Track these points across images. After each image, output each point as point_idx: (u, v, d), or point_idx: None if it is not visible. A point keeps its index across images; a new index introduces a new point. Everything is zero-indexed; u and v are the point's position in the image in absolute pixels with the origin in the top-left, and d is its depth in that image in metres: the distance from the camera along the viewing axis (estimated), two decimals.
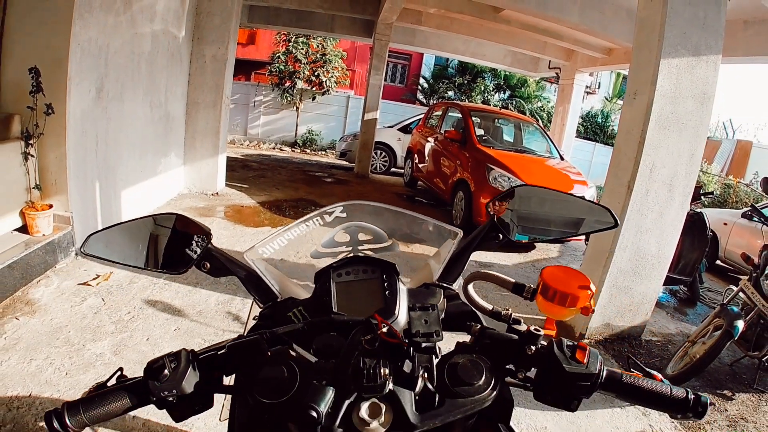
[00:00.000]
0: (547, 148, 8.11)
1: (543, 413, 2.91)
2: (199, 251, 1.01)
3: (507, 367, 0.80)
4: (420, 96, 19.52)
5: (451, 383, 0.74)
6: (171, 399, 0.72)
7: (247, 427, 0.82)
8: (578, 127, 18.48)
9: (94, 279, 3.70)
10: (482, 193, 6.09)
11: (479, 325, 0.83)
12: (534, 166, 6.76)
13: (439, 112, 9.24)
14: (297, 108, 16.07)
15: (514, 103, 18.06)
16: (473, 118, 7.88)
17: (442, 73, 19.51)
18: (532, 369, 0.79)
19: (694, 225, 5.38)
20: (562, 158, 7.88)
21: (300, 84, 15.51)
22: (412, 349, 0.71)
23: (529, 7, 6.99)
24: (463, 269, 1.07)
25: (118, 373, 0.79)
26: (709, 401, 0.76)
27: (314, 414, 0.63)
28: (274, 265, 1.08)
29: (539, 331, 0.78)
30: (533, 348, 0.77)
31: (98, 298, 3.46)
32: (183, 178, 6.47)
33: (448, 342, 0.78)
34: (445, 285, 1.01)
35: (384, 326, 0.70)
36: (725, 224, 7.41)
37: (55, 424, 0.70)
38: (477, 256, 5.67)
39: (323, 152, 15.64)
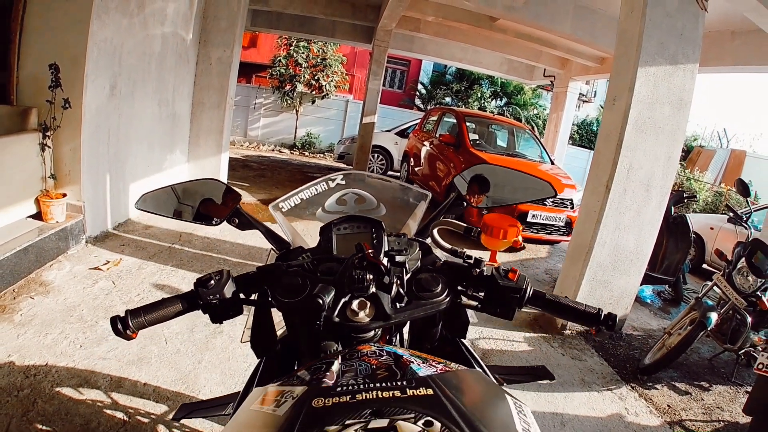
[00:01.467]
0: (539, 153, 8.36)
1: (523, 393, 3.14)
2: (228, 210, 1.24)
3: (460, 288, 1.05)
4: (418, 101, 19.84)
5: (416, 290, 1.00)
6: (214, 302, 0.97)
7: (263, 337, 1.08)
8: (573, 134, 18.79)
9: (104, 264, 3.92)
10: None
11: (443, 260, 1.09)
12: (524, 169, 6.97)
13: (435, 117, 9.49)
14: (296, 111, 16.31)
15: (511, 110, 18.34)
16: (467, 124, 8.13)
17: (440, 79, 19.84)
18: (481, 294, 1.05)
19: (678, 227, 5.63)
20: (552, 163, 8.16)
21: (300, 87, 15.76)
22: (389, 263, 0.97)
23: (523, 17, 7.26)
24: (433, 227, 1.35)
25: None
26: (618, 317, 1.00)
27: (320, 301, 0.87)
28: (290, 221, 1.35)
29: (482, 260, 1.03)
30: (477, 270, 1.03)
31: (109, 282, 3.68)
32: (186, 174, 6.68)
33: None
34: (419, 239, 1.26)
35: (370, 251, 0.95)
36: (712, 228, 7.68)
37: (119, 326, 0.93)
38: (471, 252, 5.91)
39: (322, 155, 15.87)
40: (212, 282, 0.98)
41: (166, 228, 5.05)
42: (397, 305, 0.98)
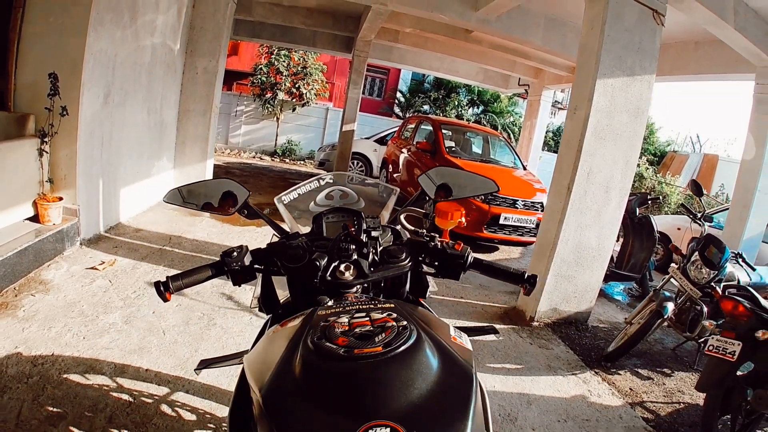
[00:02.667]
0: (512, 159, 8.75)
1: (493, 377, 3.44)
2: (240, 203, 1.52)
3: (420, 258, 1.39)
4: (397, 109, 20.19)
5: (387, 258, 1.34)
6: (236, 268, 1.27)
7: (269, 301, 1.40)
8: (549, 141, 19.29)
9: (100, 264, 4.13)
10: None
11: (407, 238, 1.41)
12: (498, 175, 7.33)
13: (413, 125, 9.84)
14: (277, 118, 16.53)
15: (487, 117, 18.78)
16: (443, 131, 8.50)
17: (418, 87, 20.25)
18: (436, 263, 1.39)
19: (643, 228, 6.01)
20: (525, 168, 8.55)
21: (281, 95, 16.01)
22: (366, 238, 1.33)
23: (496, 29, 7.61)
24: (401, 217, 1.71)
25: None
26: (537, 277, 1.32)
27: (318, 264, 1.22)
28: (291, 212, 1.65)
29: (436, 236, 1.39)
30: (432, 244, 1.37)
31: (105, 280, 3.89)
32: (173, 180, 6.88)
33: None
34: (391, 226, 1.57)
35: (353, 229, 1.31)
36: (678, 229, 8.10)
37: (161, 288, 1.22)
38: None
39: (302, 162, 16.10)
40: (235, 253, 1.29)
41: (156, 231, 5.26)
42: (372, 269, 1.31)
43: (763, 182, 6.54)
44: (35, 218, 4.15)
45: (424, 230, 1.49)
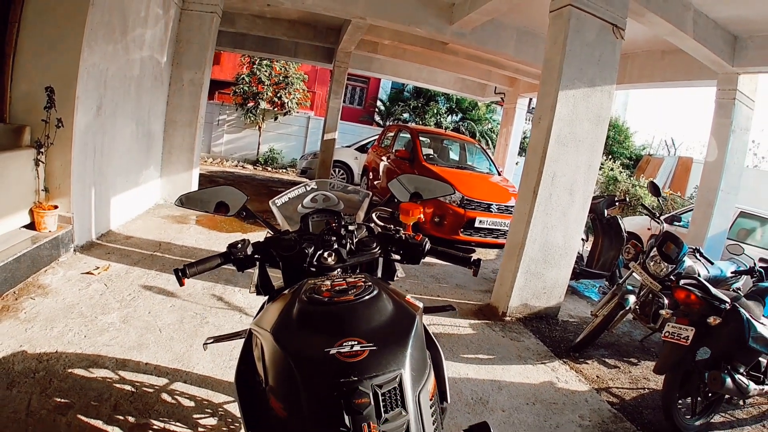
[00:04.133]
0: (487, 165, 9.12)
1: (466, 366, 3.72)
2: (239, 206, 1.80)
3: (389, 248, 1.69)
4: (377, 118, 20.53)
5: (361, 247, 1.64)
6: (240, 257, 1.55)
7: (266, 285, 1.67)
8: (525, 147, 19.71)
9: (95, 269, 4.32)
10: (426, 204, 6.89)
11: (378, 232, 1.71)
12: (473, 181, 7.69)
13: (392, 134, 10.16)
14: (259, 127, 16.74)
15: (466, 125, 19.18)
16: (421, 139, 8.84)
17: (398, 96, 20.59)
18: (401, 252, 1.70)
19: (611, 228, 6.34)
20: (499, 174, 8.91)
21: (263, 104, 16.23)
22: (344, 231, 1.63)
23: (471, 42, 7.97)
24: (373, 215, 2.09)
25: None
26: (481, 261, 1.62)
27: (307, 252, 1.51)
28: (282, 212, 1.93)
29: (400, 230, 1.71)
30: (397, 236, 1.68)
31: (101, 284, 4.09)
32: (160, 189, 7.09)
33: None
34: (365, 223, 1.86)
35: (334, 225, 1.58)
36: (649, 229, 8.46)
37: (179, 274, 1.49)
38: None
39: (284, 170, 16.30)
40: (239, 245, 1.58)
41: (146, 238, 5.47)
42: (349, 256, 1.62)
43: (726, 182, 6.97)
44: (31, 226, 4.30)
45: (392, 226, 1.79)
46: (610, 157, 18.65)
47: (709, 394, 3.39)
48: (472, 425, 1.37)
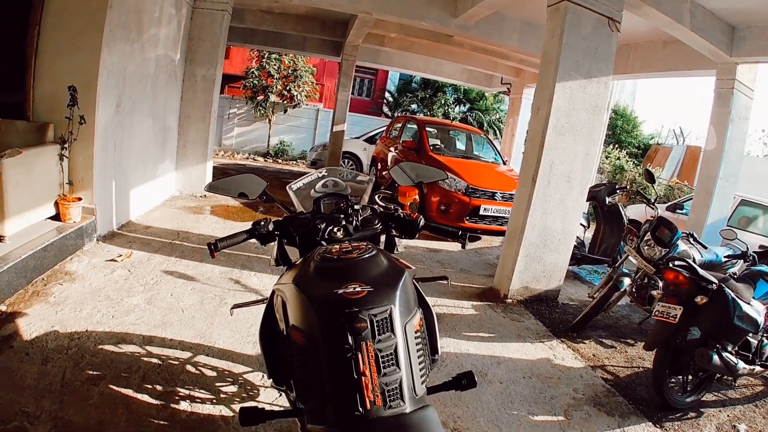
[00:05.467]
0: (493, 155, 9.32)
1: (468, 343, 3.95)
2: (260, 191, 2.04)
3: (389, 224, 1.93)
4: (385, 109, 20.71)
5: (365, 224, 1.89)
6: (263, 232, 1.78)
7: (284, 258, 1.89)
8: None
9: (118, 256, 4.59)
10: (432, 193, 7.16)
11: (380, 211, 1.94)
12: (478, 170, 7.88)
13: (400, 125, 10.36)
14: (269, 120, 17.01)
15: (474, 115, 19.31)
16: (428, 130, 9.04)
17: (406, 87, 20.75)
18: (400, 228, 1.94)
19: (612, 215, 6.50)
20: (505, 163, 9.10)
21: (272, 98, 16.50)
22: (351, 210, 1.86)
23: (475, 34, 8.15)
24: (376, 197, 2.37)
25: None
26: (468, 235, 1.85)
27: (320, 227, 1.71)
28: (297, 196, 2.18)
29: (399, 209, 1.94)
30: (396, 214, 1.91)
31: (125, 270, 4.36)
32: (175, 182, 7.37)
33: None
34: (370, 205, 2.09)
35: (342, 205, 1.80)
36: (652, 217, 8.62)
37: (212, 247, 1.73)
38: (430, 244, 6.75)
39: (294, 162, 16.57)
40: (262, 223, 1.83)
41: (164, 228, 5.74)
42: (355, 231, 1.87)
43: (724, 170, 7.11)
44: (56, 217, 4.57)
45: (392, 206, 2.02)
46: (617, 146, 18.71)
47: (699, 372, 3.55)
48: (459, 373, 1.61)
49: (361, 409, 1.23)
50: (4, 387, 2.52)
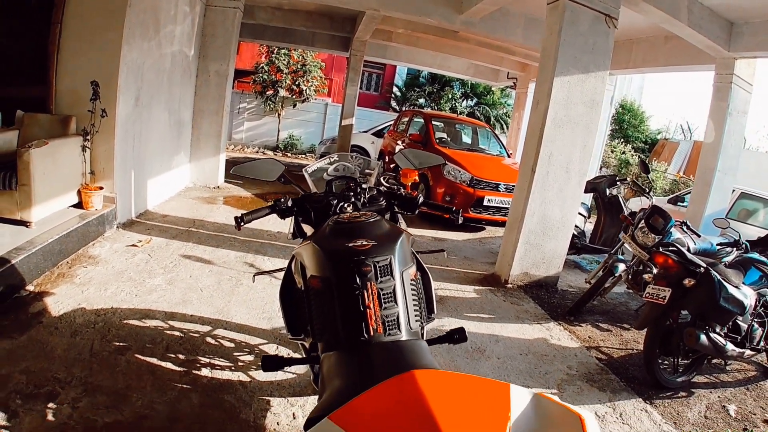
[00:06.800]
0: (497, 148, 9.55)
1: (468, 322, 4.18)
2: (279, 173, 2.29)
3: (393, 202, 2.17)
4: (393, 103, 20.89)
5: (372, 200, 2.12)
6: (283, 208, 2.03)
7: (300, 231, 2.13)
8: None
9: (138, 242, 4.86)
10: (438, 183, 7.43)
11: (385, 190, 2.18)
12: (483, 162, 8.10)
13: (406, 119, 10.60)
14: (279, 114, 17.24)
15: (481, 109, 19.47)
16: (434, 124, 9.28)
17: (413, 82, 20.91)
18: (402, 204, 2.17)
19: (612, 206, 6.69)
20: (509, 156, 9.32)
21: (282, 92, 16.73)
22: (359, 189, 2.10)
23: (480, 30, 8.34)
24: (381, 179, 2.61)
25: None
26: (461, 212, 2.09)
27: (332, 203, 1.96)
28: (312, 178, 2.43)
29: (401, 188, 2.19)
30: (399, 192, 2.15)
31: (145, 254, 4.62)
32: (189, 173, 7.64)
33: None
34: (376, 187, 2.33)
35: (352, 184, 2.03)
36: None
37: (238, 220, 1.97)
38: (436, 234, 6.99)
39: (303, 155, 16.80)
40: (282, 199, 2.06)
41: (180, 216, 6.01)
42: (362, 206, 2.10)
43: (723, 163, 7.27)
44: (78, 205, 4.83)
45: (395, 186, 2.26)
46: (623, 140, 18.81)
47: (690, 354, 3.72)
48: (452, 329, 1.84)
49: (366, 335, 1.50)
50: (36, 357, 2.76)
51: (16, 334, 2.96)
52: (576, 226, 6.01)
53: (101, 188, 4.95)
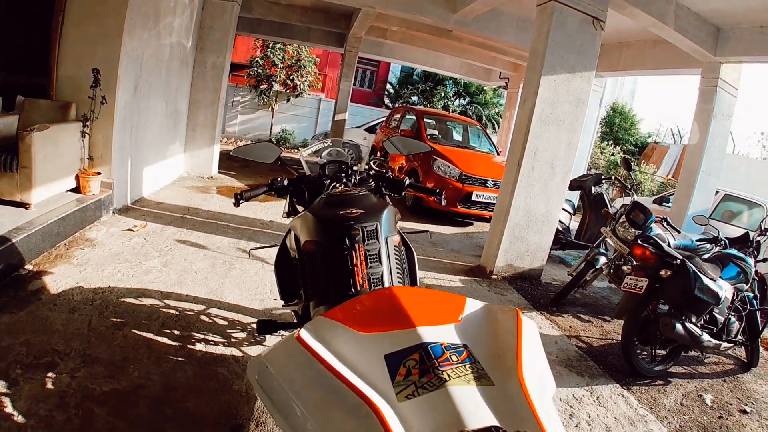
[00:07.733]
0: (487, 145, 9.76)
1: None
2: (275, 156, 2.44)
3: (381, 184, 2.32)
4: (386, 100, 21.04)
5: (362, 182, 2.28)
6: (279, 187, 2.19)
7: (294, 210, 2.28)
8: None
9: (134, 227, 4.98)
10: (428, 178, 7.59)
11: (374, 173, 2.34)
12: (472, 158, 8.28)
13: (399, 115, 10.78)
14: (272, 109, 17.33)
15: (473, 108, 19.65)
16: (425, 120, 9.47)
17: (407, 79, 21.08)
18: (389, 185, 2.33)
19: (597, 203, 6.87)
20: (498, 153, 9.52)
21: (276, 87, 16.81)
22: (350, 171, 2.25)
23: (473, 30, 8.51)
24: (371, 163, 2.76)
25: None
26: (444, 193, 2.25)
27: (325, 184, 2.12)
28: (307, 162, 2.58)
29: (389, 171, 2.39)
30: (387, 175, 2.32)
31: (141, 239, 4.74)
32: (183, 163, 7.75)
33: None
34: (365, 170, 2.48)
35: (344, 167, 2.19)
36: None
37: (237, 198, 2.13)
38: (423, 227, 7.14)
39: (296, 149, 16.86)
40: (278, 179, 2.21)
41: (175, 204, 6.13)
42: (353, 186, 2.24)
43: (706, 164, 7.48)
44: (76, 189, 4.93)
45: (384, 170, 2.43)
46: (611, 142, 19.06)
47: (668, 344, 3.87)
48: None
49: (353, 290, 1.68)
50: (35, 331, 2.87)
51: (15, 310, 3.06)
52: (561, 222, 6.20)
53: (99, 174, 5.05)
